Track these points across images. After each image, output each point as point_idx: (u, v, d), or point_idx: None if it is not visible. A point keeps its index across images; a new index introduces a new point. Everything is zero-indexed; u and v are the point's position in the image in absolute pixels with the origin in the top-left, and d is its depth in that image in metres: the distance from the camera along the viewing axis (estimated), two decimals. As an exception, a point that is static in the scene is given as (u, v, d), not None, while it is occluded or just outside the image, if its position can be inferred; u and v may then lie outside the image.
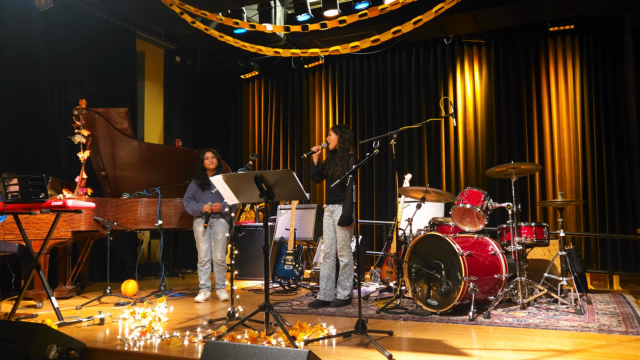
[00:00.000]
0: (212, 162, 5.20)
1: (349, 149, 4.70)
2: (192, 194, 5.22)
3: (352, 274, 4.64)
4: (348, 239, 4.60)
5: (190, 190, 5.23)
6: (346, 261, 4.60)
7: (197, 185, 5.19)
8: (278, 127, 8.84)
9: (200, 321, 4.06)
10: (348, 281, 4.64)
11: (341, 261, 4.62)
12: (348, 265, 4.61)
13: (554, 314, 4.11)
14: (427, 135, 7.69)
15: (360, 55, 8.02)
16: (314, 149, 4.69)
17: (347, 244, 4.60)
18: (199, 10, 5.89)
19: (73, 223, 5.01)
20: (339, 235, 4.60)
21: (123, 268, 7.41)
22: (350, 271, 4.63)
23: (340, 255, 4.62)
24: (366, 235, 7.78)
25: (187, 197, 5.23)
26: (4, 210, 3.96)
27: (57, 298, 4.26)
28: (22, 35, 6.28)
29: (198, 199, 5.17)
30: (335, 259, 4.68)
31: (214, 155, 5.22)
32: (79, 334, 3.62)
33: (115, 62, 7.53)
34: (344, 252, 4.60)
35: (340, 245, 4.60)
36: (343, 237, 4.58)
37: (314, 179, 4.81)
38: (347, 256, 4.60)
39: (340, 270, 4.65)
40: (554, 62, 7.12)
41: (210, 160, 5.19)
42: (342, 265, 4.62)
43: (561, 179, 6.93)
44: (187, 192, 5.25)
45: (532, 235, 4.55)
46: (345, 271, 4.63)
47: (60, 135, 6.57)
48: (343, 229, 4.57)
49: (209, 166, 5.18)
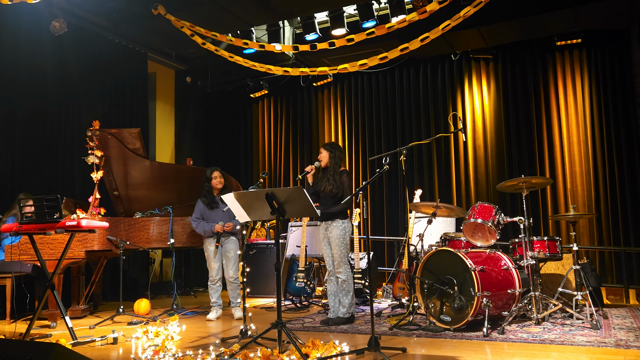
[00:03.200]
0: (220, 181, 5.24)
1: (340, 165, 4.71)
2: (200, 213, 5.24)
3: (350, 290, 4.60)
4: (345, 254, 4.57)
5: (199, 210, 5.25)
6: (344, 277, 4.56)
7: (205, 204, 5.22)
8: (288, 145, 8.90)
9: (213, 339, 4.06)
10: (347, 298, 4.58)
11: (339, 277, 4.58)
12: (346, 282, 4.57)
13: (570, 329, 4.06)
14: (436, 151, 7.69)
15: (368, 72, 8.09)
16: (308, 169, 4.67)
17: (344, 260, 4.56)
18: (209, 32, 6.00)
19: (87, 243, 5.06)
20: (335, 252, 4.57)
21: (135, 287, 7.44)
22: (349, 288, 4.59)
23: (337, 272, 4.58)
24: (377, 251, 7.75)
25: (195, 218, 5.24)
26: (20, 230, 4.02)
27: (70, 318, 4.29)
28: (36, 59, 6.42)
29: (207, 218, 5.20)
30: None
31: (222, 175, 5.27)
32: (93, 353, 3.64)
33: (127, 84, 7.66)
34: (341, 268, 4.56)
35: (337, 261, 4.57)
36: (339, 254, 4.55)
37: (312, 199, 4.81)
38: (344, 272, 4.56)
39: (339, 287, 4.61)
40: (562, 76, 7.13)
41: (219, 179, 5.24)
42: (340, 281, 4.58)
43: (573, 192, 6.88)
44: (195, 212, 5.26)
45: (545, 249, 4.52)
46: (343, 288, 4.58)
47: (74, 156, 6.67)
48: (339, 245, 4.54)
49: (216, 185, 5.22)
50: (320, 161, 4.71)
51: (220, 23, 6.51)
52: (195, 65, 8.70)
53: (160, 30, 6.80)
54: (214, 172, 5.26)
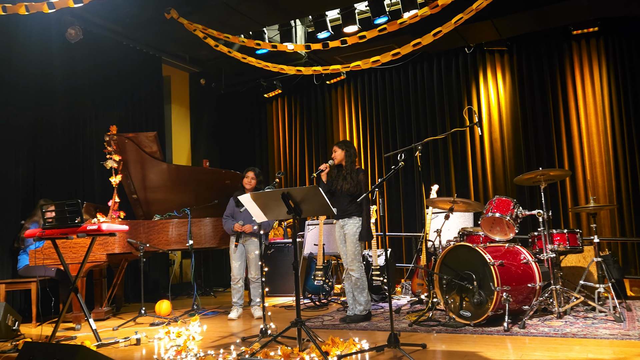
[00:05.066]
0: (251, 182, 5.18)
1: (355, 163, 4.71)
2: (230, 212, 5.29)
3: (365, 287, 4.60)
4: (358, 252, 4.57)
5: (229, 208, 5.31)
6: (357, 275, 4.56)
7: (235, 203, 5.26)
8: (303, 144, 8.92)
9: (234, 339, 4.10)
10: (362, 295, 4.59)
11: (352, 275, 4.58)
12: (360, 280, 4.57)
13: (592, 322, 4.01)
14: (452, 146, 7.64)
15: (381, 68, 8.07)
16: (322, 167, 4.66)
17: (357, 257, 4.57)
18: (222, 34, 6.04)
19: (107, 246, 5.14)
20: (349, 249, 4.57)
21: (156, 288, 7.53)
22: (364, 285, 4.59)
23: (350, 270, 4.58)
24: (395, 247, 7.74)
25: (225, 215, 5.29)
26: (43, 236, 4.10)
27: (94, 320, 4.36)
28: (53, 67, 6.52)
29: (236, 216, 5.25)
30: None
31: (255, 177, 5.20)
32: (117, 354, 3.70)
33: (142, 88, 7.76)
34: (354, 265, 4.56)
35: (350, 259, 4.57)
36: (353, 251, 4.56)
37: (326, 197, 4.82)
38: (357, 270, 4.56)
39: (353, 285, 4.62)
40: (579, 66, 7.02)
41: (250, 180, 5.19)
42: (354, 279, 4.58)
43: (593, 183, 6.78)
44: (227, 209, 5.32)
45: (565, 242, 4.47)
46: (358, 286, 4.58)
47: (92, 161, 6.78)
48: (353, 242, 4.55)
49: (245, 185, 5.19)
50: (333, 159, 4.72)
51: (232, 25, 6.55)
52: (209, 67, 8.77)
53: (174, 34, 6.87)
54: (248, 172, 5.23)
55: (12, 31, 6.04)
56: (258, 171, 5.28)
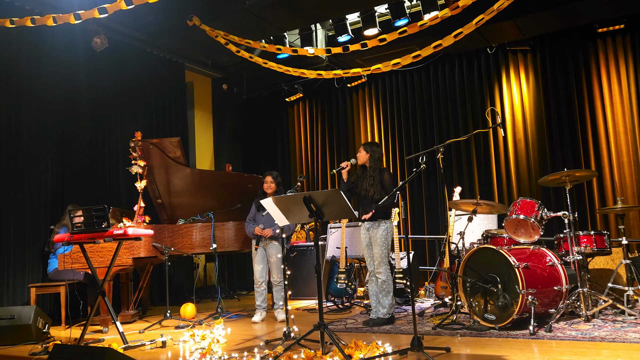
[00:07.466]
0: (270, 186, 5.23)
1: (380, 165, 4.69)
2: (252, 215, 5.37)
3: (390, 291, 4.58)
4: (385, 255, 4.55)
5: (251, 213, 5.40)
6: (384, 278, 4.54)
7: (256, 207, 5.32)
8: (324, 147, 8.93)
9: (257, 342, 4.13)
10: (387, 299, 4.56)
11: (379, 278, 4.56)
12: (386, 282, 4.55)
13: (621, 325, 3.92)
14: (475, 147, 7.56)
15: (402, 70, 8.03)
16: (343, 164, 4.64)
17: (385, 260, 4.54)
18: (243, 40, 6.11)
19: (133, 250, 5.24)
20: (376, 251, 4.56)
21: (181, 292, 7.63)
22: (389, 288, 4.57)
23: (377, 272, 4.56)
24: (418, 250, 7.68)
25: (248, 219, 5.38)
26: (71, 240, 4.21)
27: (121, 322, 4.45)
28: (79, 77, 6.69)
29: (257, 220, 5.31)
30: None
31: (273, 180, 5.25)
32: (143, 356, 3.77)
33: (166, 94, 7.89)
34: (381, 268, 4.54)
35: (377, 261, 4.55)
36: (380, 254, 4.54)
37: (345, 196, 4.81)
38: (384, 273, 4.54)
39: (379, 288, 4.59)
40: (605, 64, 6.88)
41: (269, 184, 5.24)
42: (380, 282, 4.56)
43: (621, 183, 6.63)
44: (250, 213, 5.41)
45: (592, 244, 4.38)
46: (383, 288, 4.56)
47: (118, 167, 6.93)
48: (380, 245, 4.53)
49: (266, 190, 5.25)
50: (357, 159, 4.71)
51: (253, 30, 6.62)
52: (231, 72, 8.86)
53: (196, 41, 6.97)
54: (267, 176, 5.29)
55: (40, 46, 6.21)
56: (276, 174, 5.32)
